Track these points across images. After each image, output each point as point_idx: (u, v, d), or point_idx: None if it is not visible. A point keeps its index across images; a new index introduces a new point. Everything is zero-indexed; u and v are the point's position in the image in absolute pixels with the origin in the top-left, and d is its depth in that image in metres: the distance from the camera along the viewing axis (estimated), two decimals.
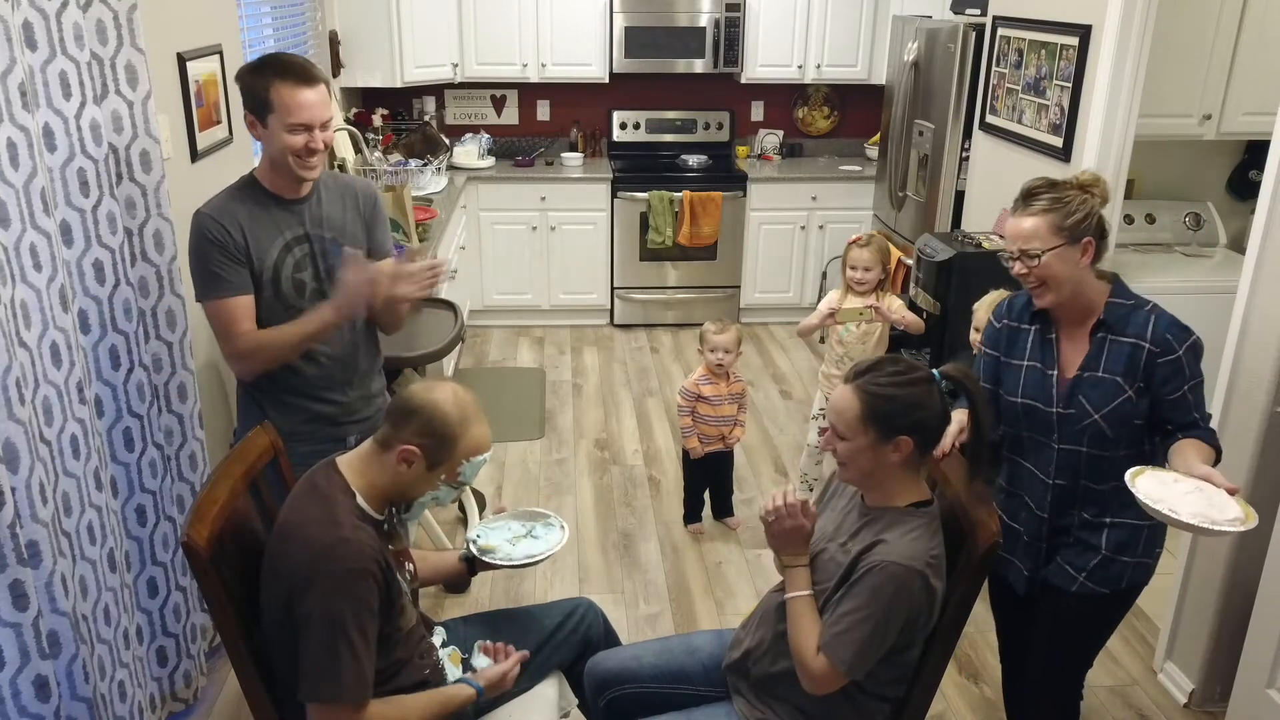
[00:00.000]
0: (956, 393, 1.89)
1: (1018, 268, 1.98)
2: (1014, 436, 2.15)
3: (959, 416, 1.99)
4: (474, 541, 2.08)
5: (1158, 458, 1.99)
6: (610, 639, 2.25)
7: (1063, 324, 2.05)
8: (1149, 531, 2.06)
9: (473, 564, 2.10)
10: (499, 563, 2.04)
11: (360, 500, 1.77)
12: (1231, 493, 1.78)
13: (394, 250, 2.54)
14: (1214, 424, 2.62)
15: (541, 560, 2.05)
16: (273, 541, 1.76)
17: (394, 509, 1.87)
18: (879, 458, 1.78)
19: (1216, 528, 1.73)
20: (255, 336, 2.25)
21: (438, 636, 2.04)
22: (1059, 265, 1.93)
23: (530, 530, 2.11)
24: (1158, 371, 1.94)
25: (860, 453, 1.79)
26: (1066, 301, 1.99)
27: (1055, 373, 2.04)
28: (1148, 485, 1.82)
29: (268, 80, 2.13)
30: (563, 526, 2.12)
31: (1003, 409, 2.14)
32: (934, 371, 1.81)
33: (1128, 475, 1.85)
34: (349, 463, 1.81)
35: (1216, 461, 1.92)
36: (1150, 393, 1.96)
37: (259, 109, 2.16)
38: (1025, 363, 2.08)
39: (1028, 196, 1.98)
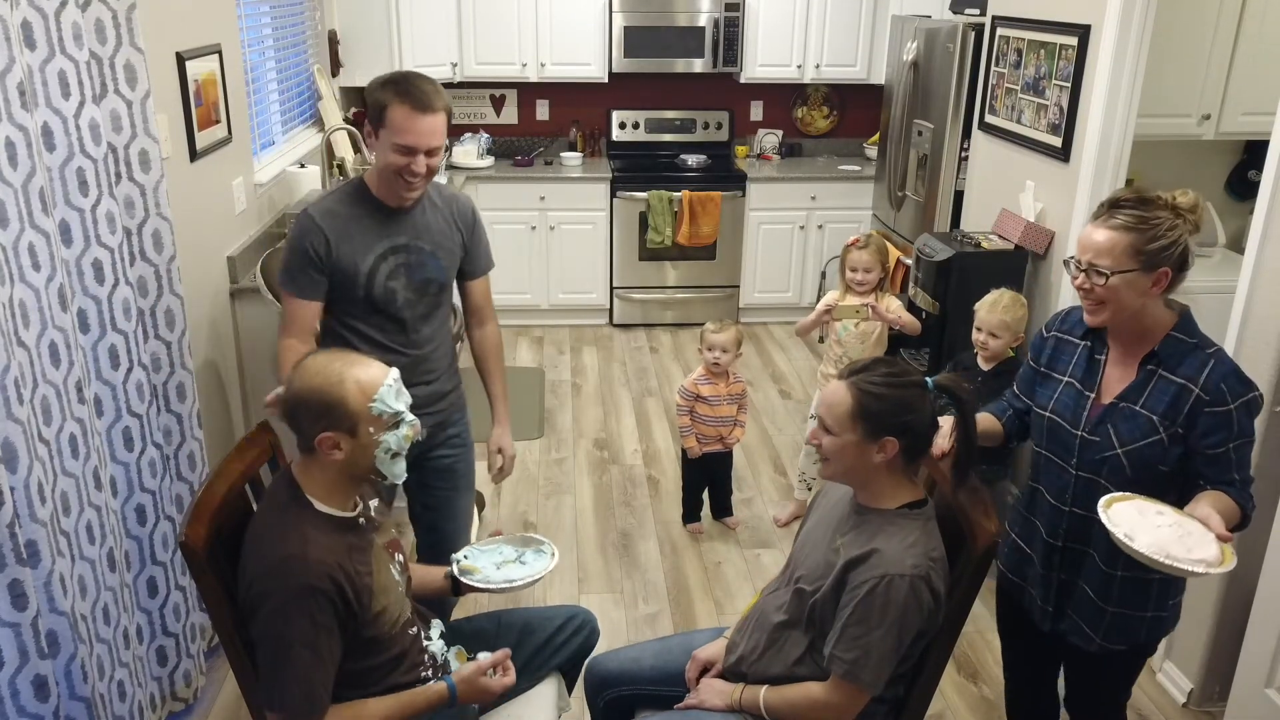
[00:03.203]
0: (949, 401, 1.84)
1: (1081, 280, 1.80)
2: (1034, 457, 2.04)
3: (949, 420, 1.92)
4: (458, 561, 2.07)
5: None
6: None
7: (1115, 346, 1.90)
8: (1159, 584, 1.94)
9: (457, 583, 2.07)
10: (477, 585, 2.02)
11: (320, 506, 1.74)
12: (1223, 540, 1.63)
13: (491, 264, 2.55)
14: None
15: (520, 586, 2.02)
16: (241, 554, 1.76)
17: (365, 500, 1.85)
18: (863, 456, 1.78)
19: (1172, 563, 1.58)
20: (286, 350, 2.25)
21: (435, 629, 2.04)
22: (1125, 291, 1.76)
23: (520, 555, 2.09)
24: (1201, 421, 1.77)
25: (845, 449, 1.78)
26: (1122, 325, 1.84)
27: (1092, 396, 1.90)
28: (1122, 510, 1.71)
29: (388, 97, 2.15)
30: (553, 554, 2.09)
31: (1031, 422, 2.04)
32: (928, 380, 1.80)
33: (1103, 499, 1.74)
34: (302, 474, 1.78)
35: (1241, 525, 1.76)
36: (1187, 442, 1.79)
37: (375, 121, 2.19)
38: (1065, 378, 1.96)
39: (1113, 206, 1.79)
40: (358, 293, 2.27)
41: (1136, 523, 1.68)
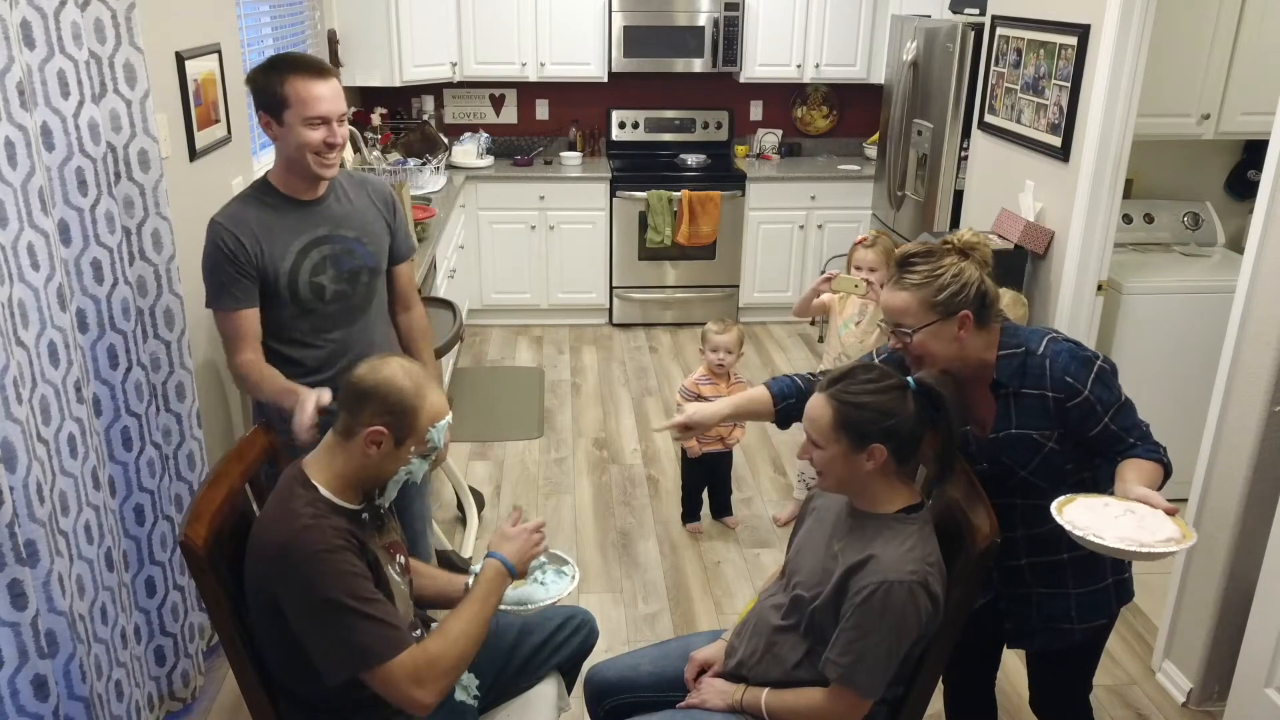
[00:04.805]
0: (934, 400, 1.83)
1: (894, 342, 1.90)
2: None
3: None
4: (475, 574, 2.07)
5: (1102, 485, 1.90)
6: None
7: (966, 380, 1.92)
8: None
9: None
10: None
11: (326, 493, 1.74)
12: (1170, 513, 1.70)
13: (414, 247, 2.53)
14: (1212, 422, 2.64)
15: (534, 610, 2.00)
16: (247, 551, 1.76)
17: (365, 496, 1.84)
18: (853, 466, 1.77)
19: (1145, 550, 1.63)
20: (247, 366, 2.23)
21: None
22: (933, 343, 1.84)
23: (543, 575, 2.09)
24: (1070, 416, 1.84)
25: (834, 461, 1.78)
26: (952, 367, 1.89)
27: (970, 429, 1.95)
28: (1075, 513, 1.74)
29: (281, 76, 2.11)
30: (574, 577, 2.07)
31: None
32: (909, 380, 1.80)
33: (1054, 505, 1.77)
34: (313, 459, 1.79)
35: (1166, 477, 1.83)
36: (1072, 436, 1.87)
37: (274, 107, 2.13)
38: None
39: (902, 265, 1.86)
40: (282, 296, 2.23)
41: (1094, 521, 1.71)
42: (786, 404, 2.15)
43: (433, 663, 1.70)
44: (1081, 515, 1.73)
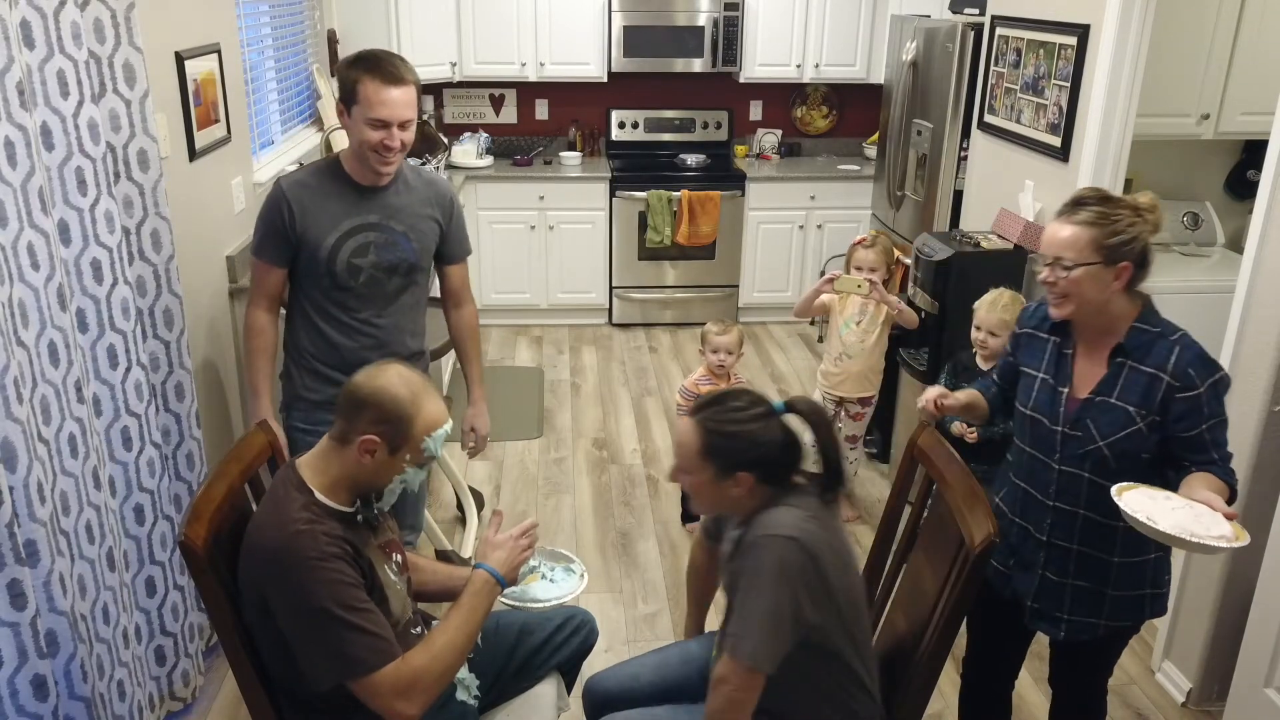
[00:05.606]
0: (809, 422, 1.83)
1: (1046, 274, 1.89)
2: (1018, 454, 2.08)
3: (968, 395, 2.11)
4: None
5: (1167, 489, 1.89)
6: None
7: (1082, 339, 1.96)
8: (1154, 564, 2.00)
9: None
10: (502, 600, 1.99)
11: (320, 496, 1.74)
12: (1229, 518, 1.70)
13: (468, 249, 2.64)
14: None
15: (545, 607, 2.00)
16: (241, 552, 1.76)
17: (362, 500, 1.84)
18: (721, 491, 1.77)
19: (1196, 540, 1.65)
20: (253, 325, 2.40)
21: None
22: (1088, 283, 1.84)
23: (551, 571, 2.08)
24: (1174, 406, 1.84)
25: (703, 486, 1.77)
26: (1087, 318, 1.91)
27: (1066, 391, 1.96)
28: (1134, 497, 1.76)
29: (358, 74, 2.22)
30: (582, 575, 2.08)
31: (1014, 419, 2.10)
32: (775, 404, 1.79)
33: (1115, 488, 1.79)
34: (307, 462, 1.79)
35: (1230, 501, 1.82)
36: (1164, 428, 1.87)
37: (347, 100, 2.25)
38: (1039, 374, 2.01)
39: (1076, 204, 1.88)
40: (319, 267, 2.34)
41: (1151, 508, 1.73)
42: (990, 397, 2.21)
43: (418, 676, 1.70)
44: (1140, 501, 1.75)
